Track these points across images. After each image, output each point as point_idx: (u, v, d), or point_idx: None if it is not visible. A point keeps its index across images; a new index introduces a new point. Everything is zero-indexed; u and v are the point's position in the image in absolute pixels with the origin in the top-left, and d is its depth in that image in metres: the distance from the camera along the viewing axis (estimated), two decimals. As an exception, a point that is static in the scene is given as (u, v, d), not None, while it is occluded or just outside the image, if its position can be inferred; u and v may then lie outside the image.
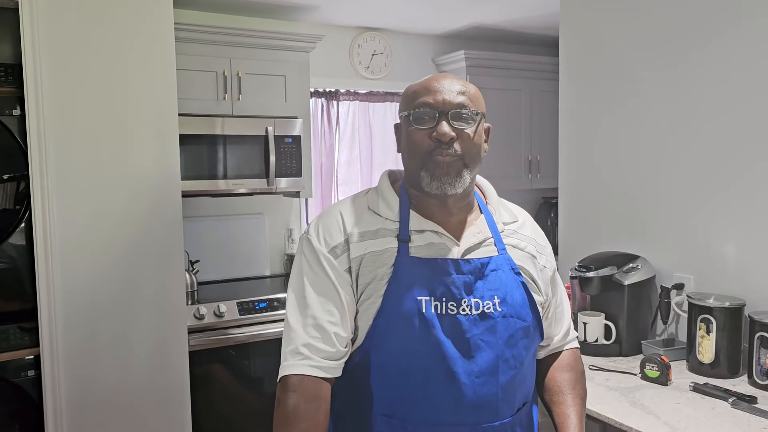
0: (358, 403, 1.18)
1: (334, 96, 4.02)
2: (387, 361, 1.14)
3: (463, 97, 1.17)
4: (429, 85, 1.18)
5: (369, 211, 1.22)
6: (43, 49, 2.25)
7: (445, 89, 1.17)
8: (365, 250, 1.17)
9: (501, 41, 4.43)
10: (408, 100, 1.20)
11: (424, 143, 1.16)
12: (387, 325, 1.13)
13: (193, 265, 3.38)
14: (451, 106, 1.16)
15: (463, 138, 1.16)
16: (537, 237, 1.33)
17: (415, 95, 1.18)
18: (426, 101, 1.16)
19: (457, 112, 1.16)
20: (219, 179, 3.20)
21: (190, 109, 3.10)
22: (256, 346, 3.06)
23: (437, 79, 1.19)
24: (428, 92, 1.17)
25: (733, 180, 2.11)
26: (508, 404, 1.19)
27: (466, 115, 1.16)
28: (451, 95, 1.16)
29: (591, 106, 2.62)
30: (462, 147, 1.17)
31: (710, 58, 2.16)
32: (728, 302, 2.00)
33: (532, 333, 1.23)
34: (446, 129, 1.14)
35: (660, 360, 1.94)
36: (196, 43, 3.14)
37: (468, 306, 1.16)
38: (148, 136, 2.46)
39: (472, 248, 1.21)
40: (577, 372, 1.36)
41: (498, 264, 1.21)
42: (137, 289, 2.47)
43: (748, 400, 1.76)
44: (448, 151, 1.15)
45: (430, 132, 1.16)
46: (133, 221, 2.45)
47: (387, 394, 1.15)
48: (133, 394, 2.48)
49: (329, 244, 1.19)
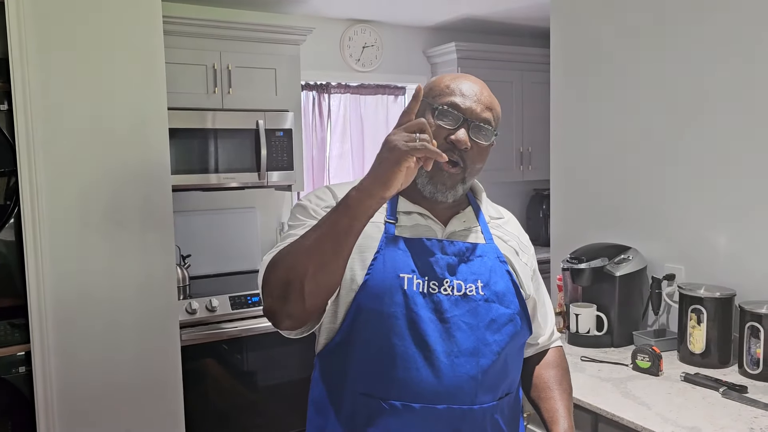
0: (340, 384, 1.19)
1: (325, 89, 4.01)
2: (367, 337, 1.15)
3: (489, 113, 1.20)
4: (462, 86, 1.20)
5: None
6: (30, 44, 2.22)
7: (476, 98, 1.19)
8: None
9: (492, 33, 4.42)
10: (438, 91, 1.21)
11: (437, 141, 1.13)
12: (368, 300, 1.14)
13: (184, 259, 3.37)
14: (477, 118, 1.18)
15: (473, 151, 1.19)
16: (521, 236, 1.36)
17: (447, 91, 1.19)
18: (455, 102, 1.18)
19: (479, 125, 1.18)
20: (210, 173, 3.19)
21: (180, 103, 3.08)
22: (248, 340, 3.06)
23: (471, 84, 1.21)
24: (460, 94, 1.19)
25: (723, 171, 2.12)
26: (488, 390, 1.18)
27: (486, 132, 1.19)
28: (479, 106, 1.19)
29: (582, 97, 2.62)
30: (469, 159, 1.19)
31: (701, 49, 2.16)
32: (719, 292, 2.01)
33: (518, 322, 1.23)
34: (464, 137, 1.16)
35: (651, 350, 1.95)
36: (185, 36, 3.12)
37: (450, 286, 1.17)
38: (137, 130, 2.44)
39: (457, 233, 1.24)
40: (563, 369, 1.38)
41: (484, 251, 1.23)
42: (128, 284, 2.46)
43: (738, 390, 1.77)
44: (454, 160, 1.18)
45: (447, 133, 1.17)
46: (122, 216, 2.44)
47: (367, 374, 1.16)
48: (125, 389, 2.47)
49: (320, 205, 1.23)
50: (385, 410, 1.14)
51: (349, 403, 1.17)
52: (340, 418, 1.18)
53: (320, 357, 1.23)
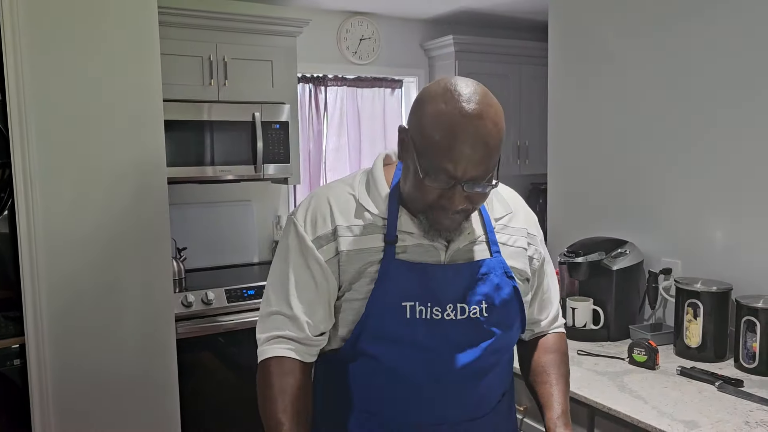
0: (339, 401, 1.20)
1: (321, 81, 3.99)
2: (370, 364, 1.15)
3: (482, 168, 1.05)
4: (453, 145, 1.02)
5: (358, 204, 1.17)
6: (23, 35, 2.20)
7: (467, 157, 1.03)
8: (352, 245, 1.14)
9: (490, 26, 4.40)
10: (427, 147, 1.05)
11: (432, 196, 1.08)
12: (371, 328, 1.13)
13: (180, 252, 3.35)
14: (470, 178, 1.05)
15: (473, 200, 1.10)
16: (529, 226, 1.29)
17: (436, 151, 1.04)
18: (445, 167, 1.03)
19: (473, 183, 1.05)
20: (206, 166, 3.17)
21: (175, 95, 3.06)
22: (244, 333, 3.05)
23: (463, 141, 1.02)
24: (450, 159, 1.03)
25: (720, 165, 2.11)
26: (489, 399, 1.22)
27: (481, 187, 1.07)
28: (477, 170, 1.04)
29: (580, 91, 2.61)
30: (471, 208, 1.12)
31: (699, 43, 2.15)
32: (715, 287, 2.01)
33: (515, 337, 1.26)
34: (458, 203, 1.07)
35: (648, 344, 1.95)
36: (180, 27, 3.09)
37: (453, 311, 1.15)
38: (132, 122, 2.43)
39: (462, 249, 1.18)
40: (561, 353, 1.36)
41: (490, 267, 1.18)
42: (123, 277, 2.45)
43: (734, 384, 1.77)
44: (456, 213, 1.10)
45: (439, 193, 1.07)
46: (118, 208, 2.42)
47: (368, 394, 1.17)
48: (121, 382, 2.46)
49: (315, 233, 1.16)
50: (383, 427, 1.17)
51: (348, 421, 1.19)
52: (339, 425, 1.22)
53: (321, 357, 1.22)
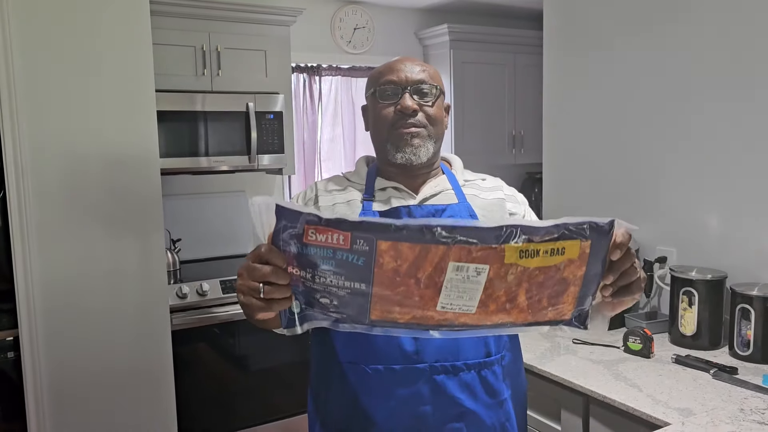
0: (327, 353, 1.28)
1: (315, 71, 3.96)
2: None
3: (423, 74, 1.28)
4: (392, 65, 1.30)
5: (341, 177, 1.39)
6: (14, 21, 2.18)
7: (406, 68, 1.28)
8: (332, 201, 1.31)
9: (485, 14, 4.37)
10: (373, 80, 1.32)
11: (388, 117, 1.28)
12: None
13: (174, 243, 3.34)
14: (413, 82, 1.27)
15: (424, 111, 1.27)
16: (505, 189, 1.39)
17: (380, 75, 1.30)
18: (390, 79, 1.28)
19: (417, 87, 1.27)
20: (200, 156, 3.15)
21: (168, 85, 3.03)
22: (240, 324, 3.04)
23: (399, 60, 1.30)
24: (391, 71, 1.28)
25: (715, 153, 2.11)
26: (471, 345, 1.23)
27: (426, 90, 1.27)
28: (412, 73, 1.27)
29: (575, 80, 2.60)
30: (424, 119, 1.27)
31: (695, 31, 2.14)
32: (710, 275, 2.01)
33: None
34: (409, 102, 1.25)
35: (642, 333, 1.95)
36: (173, 16, 3.06)
37: None
38: (124, 112, 2.41)
39: (428, 197, 1.30)
40: None
41: (454, 211, 1.28)
42: (117, 269, 2.43)
43: (729, 371, 1.78)
44: (412, 122, 1.26)
45: (394, 106, 1.27)
46: (110, 200, 2.40)
47: (350, 343, 1.24)
48: (115, 374, 2.46)
49: (298, 201, 1.35)
50: (368, 374, 1.21)
51: (335, 370, 1.26)
52: (333, 388, 1.27)
53: (313, 336, 1.32)
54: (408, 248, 0.81)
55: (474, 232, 0.81)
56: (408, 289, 0.84)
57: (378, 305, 0.85)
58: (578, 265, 0.88)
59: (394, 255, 0.81)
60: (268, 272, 0.85)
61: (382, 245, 0.81)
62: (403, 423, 1.21)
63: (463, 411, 1.22)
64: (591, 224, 0.89)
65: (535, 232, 0.84)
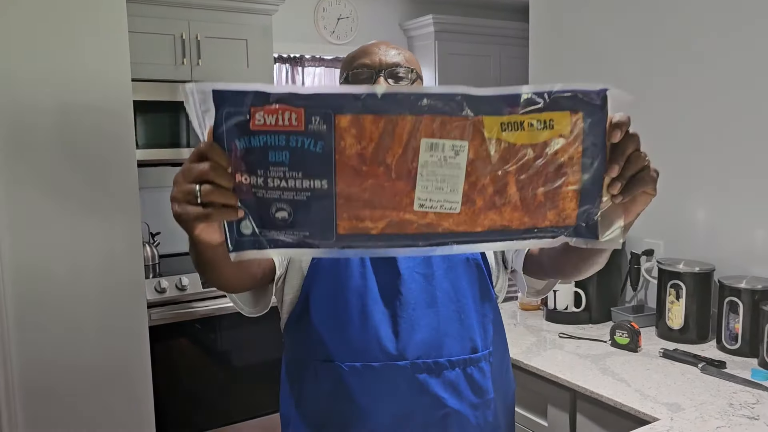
0: (299, 351, 1.21)
1: (298, 62, 3.90)
2: (321, 303, 1.16)
3: (399, 57, 1.21)
4: (366, 48, 1.23)
5: None
6: (-18, 8, 2.10)
7: (381, 51, 1.21)
8: None
9: (470, 6, 4.33)
10: (346, 64, 1.25)
11: None
12: (320, 265, 1.17)
13: (153, 237, 3.27)
14: (387, 65, 1.20)
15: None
16: None
17: (353, 59, 1.23)
18: (363, 62, 1.21)
19: (393, 70, 1.20)
20: (181, 148, 3.09)
21: (146, 75, 2.96)
22: (222, 319, 2.99)
23: (374, 44, 1.24)
24: (365, 54, 1.21)
25: (702, 145, 2.08)
26: (455, 340, 1.16)
27: (402, 74, 1.21)
28: (387, 56, 1.21)
29: (560, 72, 2.56)
30: None
31: (680, 23, 2.11)
32: (698, 267, 1.99)
33: (476, 269, 1.19)
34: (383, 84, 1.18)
35: (630, 326, 1.92)
36: (151, 4, 2.98)
37: None
38: (99, 101, 2.33)
39: None
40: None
41: None
42: (91, 263, 2.36)
43: (717, 365, 1.75)
44: None
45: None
46: (85, 192, 2.33)
47: (325, 340, 1.16)
48: (90, 369, 2.39)
49: None
50: (345, 372, 1.13)
51: (313, 373, 1.17)
52: (306, 388, 1.19)
53: (285, 333, 1.24)
54: (371, 123, 0.71)
55: (443, 98, 0.71)
56: (377, 182, 0.72)
57: (345, 211, 0.73)
58: (571, 143, 0.76)
59: (356, 134, 0.71)
60: (206, 169, 0.71)
61: (341, 121, 0.70)
62: (384, 424, 1.14)
63: (447, 411, 1.15)
64: (578, 93, 0.79)
65: (514, 100, 0.74)
